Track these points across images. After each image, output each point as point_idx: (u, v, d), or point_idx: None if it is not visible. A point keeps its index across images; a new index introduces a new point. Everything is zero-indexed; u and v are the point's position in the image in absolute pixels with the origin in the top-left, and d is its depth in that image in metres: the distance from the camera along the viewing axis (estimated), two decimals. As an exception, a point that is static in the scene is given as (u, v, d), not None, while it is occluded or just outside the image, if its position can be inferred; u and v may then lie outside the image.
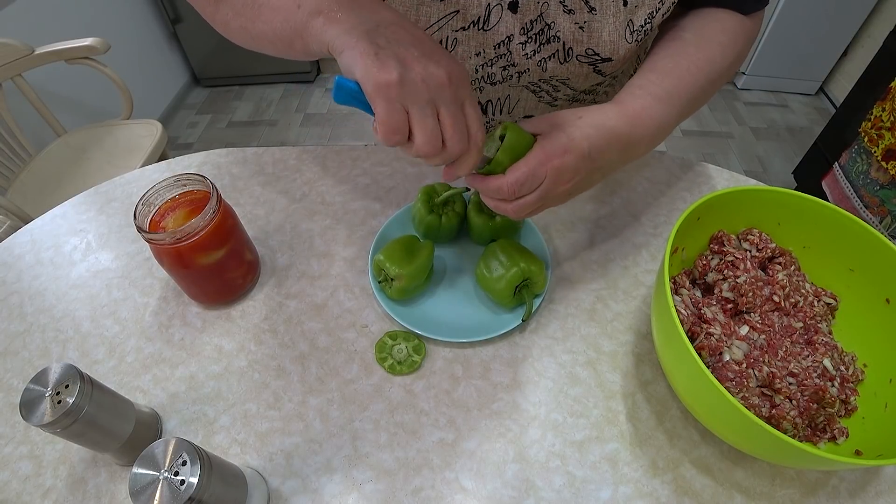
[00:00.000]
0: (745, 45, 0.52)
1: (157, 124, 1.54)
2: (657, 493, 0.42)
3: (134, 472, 0.32)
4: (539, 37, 0.50)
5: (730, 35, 0.51)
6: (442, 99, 0.36)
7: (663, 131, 0.47)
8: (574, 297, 0.55)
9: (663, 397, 0.47)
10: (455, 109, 0.36)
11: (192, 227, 0.46)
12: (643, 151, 0.47)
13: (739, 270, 0.47)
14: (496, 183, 0.41)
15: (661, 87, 0.47)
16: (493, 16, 0.49)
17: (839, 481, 0.43)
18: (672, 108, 0.47)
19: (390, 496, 0.42)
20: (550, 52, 0.51)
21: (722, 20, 0.51)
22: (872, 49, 1.75)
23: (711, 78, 0.49)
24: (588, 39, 0.50)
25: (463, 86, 0.37)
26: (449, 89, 0.35)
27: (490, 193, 0.42)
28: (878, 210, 1.46)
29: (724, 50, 0.50)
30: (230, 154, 0.72)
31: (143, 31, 2.22)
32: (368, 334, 0.52)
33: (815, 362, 0.44)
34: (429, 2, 0.48)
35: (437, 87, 0.35)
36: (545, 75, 0.54)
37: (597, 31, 0.49)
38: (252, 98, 2.50)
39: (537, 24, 0.49)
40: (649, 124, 0.45)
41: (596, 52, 0.50)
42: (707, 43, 0.50)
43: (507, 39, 0.50)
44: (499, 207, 0.43)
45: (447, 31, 0.50)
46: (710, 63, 0.49)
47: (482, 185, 0.42)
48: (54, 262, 0.60)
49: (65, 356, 0.52)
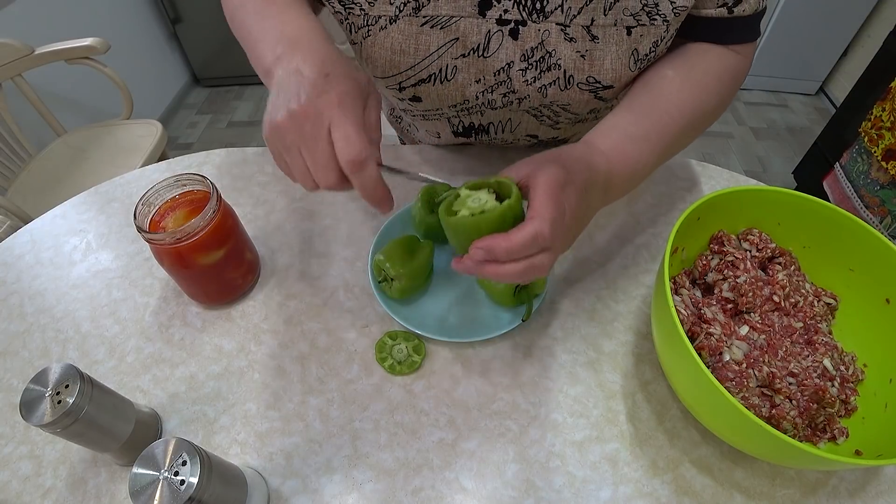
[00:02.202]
0: (731, 85, 0.51)
1: (157, 124, 1.54)
2: (657, 493, 0.42)
3: (134, 472, 0.32)
4: (540, 64, 0.49)
5: (714, 76, 0.49)
6: (301, 139, 0.37)
7: (639, 174, 0.45)
8: (574, 297, 0.55)
9: (663, 397, 0.47)
10: (312, 145, 0.37)
11: (192, 227, 0.46)
12: (618, 194, 0.45)
13: (739, 270, 0.47)
14: (520, 238, 0.34)
15: (636, 128, 0.45)
16: (493, 42, 0.48)
17: (839, 481, 0.43)
18: (648, 149, 0.45)
19: (390, 496, 0.42)
20: (551, 80, 0.51)
21: (709, 59, 0.50)
22: (872, 49, 1.75)
23: (693, 120, 0.48)
24: (590, 68, 0.49)
25: (328, 111, 0.36)
26: (307, 123, 0.36)
27: (513, 251, 0.34)
28: (878, 210, 1.46)
29: (707, 92, 0.49)
30: (230, 154, 0.72)
31: (143, 31, 2.22)
32: (368, 334, 0.52)
33: (815, 362, 0.44)
34: (428, 30, 0.48)
35: (296, 128, 0.36)
36: (545, 101, 0.53)
37: (599, 59, 0.48)
38: (252, 98, 2.50)
39: (538, 52, 0.49)
40: (625, 162, 0.43)
41: (598, 80, 0.50)
42: (690, 84, 0.48)
43: (507, 66, 0.50)
44: (525, 273, 0.35)
45: (447, 59, 0.50)
46: (692, 105, 0.48)
47: (503, 250, 0.34)
48: (54, 262, 0.60)
49: (65, 356, 0.52)
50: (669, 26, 0.47)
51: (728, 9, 0.47)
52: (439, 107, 0.57)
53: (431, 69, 0.51)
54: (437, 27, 0.47)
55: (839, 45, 2.19)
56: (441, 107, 0.57)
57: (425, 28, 0.47)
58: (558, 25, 0.47)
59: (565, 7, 0.45)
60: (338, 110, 0.36)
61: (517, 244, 0.34)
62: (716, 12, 0.47)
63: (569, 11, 0.46)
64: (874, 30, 2.08)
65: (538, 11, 0.46)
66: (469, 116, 0.60)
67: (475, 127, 0.63)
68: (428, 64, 0.50)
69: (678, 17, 0.47)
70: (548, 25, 0.47)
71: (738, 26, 0.49)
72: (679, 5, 0.45)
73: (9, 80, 1.37)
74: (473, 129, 0.63)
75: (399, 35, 0.48)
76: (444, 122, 0.62)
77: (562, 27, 0.47)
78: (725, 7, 0.47)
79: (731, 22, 0.48)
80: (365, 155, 0.36)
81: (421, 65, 0.50)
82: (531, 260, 0.35)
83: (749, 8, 0.47)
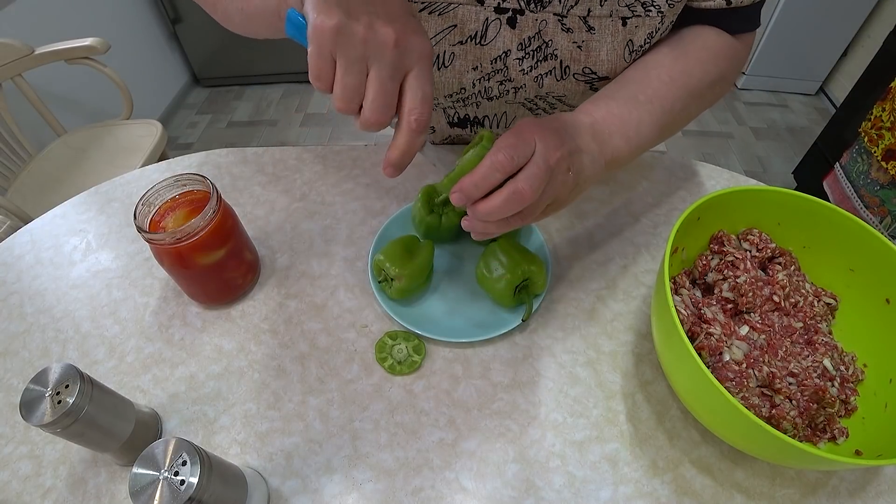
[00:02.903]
0: (729, 65, 0.50)
1: (157, 124, 1.54)
2: (657, 493, 0.42)
3: (134, 472, 0.32)
4: (536, 53, 0.49)
5: (711, 51, 0.49)
6: (378, 60, 0.33)
7: (632, 131, 0.44)
8: (574, 297, 0.55)
9: (663, 397, 0.47)
10: (386, 74, 0.34)
11: (192, 227, 0.46)
12: (618, 149, 0.44)
13: (739, 270, 0.47)
14: (480, 169, 0.36)
15: (623, 91, 0.46)
16: (491, 30, 0.48)
17: (839, 481, 0.43)
18: (638, 108, 0.45)
19: (390, 496, 0.42)
20: (547, 69, 0.51)
21: (705, 37, 0.50)
22: (872, 49, 1.75)
23: (690, 88, 0.47)
24: (586, 58, 0.49)
25: (410, 56, 0.34)
26: (391, 53, 0.33)
27: (477, 183, 0.36)
28: (878, 210, 1.46)
29: (703, 63, 0.48)
30: (230, 154, 0.72)
31: (143, 31, 2.22)
32: (368, 334, 0.52)
33: (815, 362, 0.44)
34: (426, 17, 0.48)
35: (377, 47, 0.33)
36: (541, 91, 0.54)
37: (595, 50, 0.48)
38: (252, 98, 2.50)
39: (535, 41, 0.49)
40: (609, 119, 0.43)
41: (593, 70, 0.50)
42: (685, 56, 0.48)
43: (503, 54, 0.50)
44: (506, 205, 0.37)
45: (444, 44, 0.50)
46: (687, 74, 0.47)
47: (469, 184, 0.37)
48: (54, 262, 0.60)
49: (65, 356, 0.52)
50: (664, 18, 0.47)
51: (726, 0, 0.47)
52: (435, 97, 0.57)
53: None
54: (435, 13, 0.47)
55: (839, 45, 2.19)
56: (437, 97, 0.57)
57: (423, 14, 0.47)
58: (555, 16, 0.47)
59: None
60: (425, 63, 0.35)
61: (478, 174, 0.36)
62: (714, 3, 0.47)
63: (566, 2, 0.46)
64: (874, 30, 2.08)
65: (536, 1, 0.46)
66: (465, 108, 0.60)
67: (470, 119, 0.63)
68: None
69: (673, 9, 0.46)
70: (545, 15, 0.47)
71: (737, 17, 0.49)
72: None
73: (9, 80, 1.37)
74: (469, 121, 0.63)
75: None
76: (440, 112, 0.62)
77: (559, 17, 0.47)
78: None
79: (729, 13, 0.48)
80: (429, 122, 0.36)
81: None
82: (506, 189, 0.36)
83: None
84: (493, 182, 0.36)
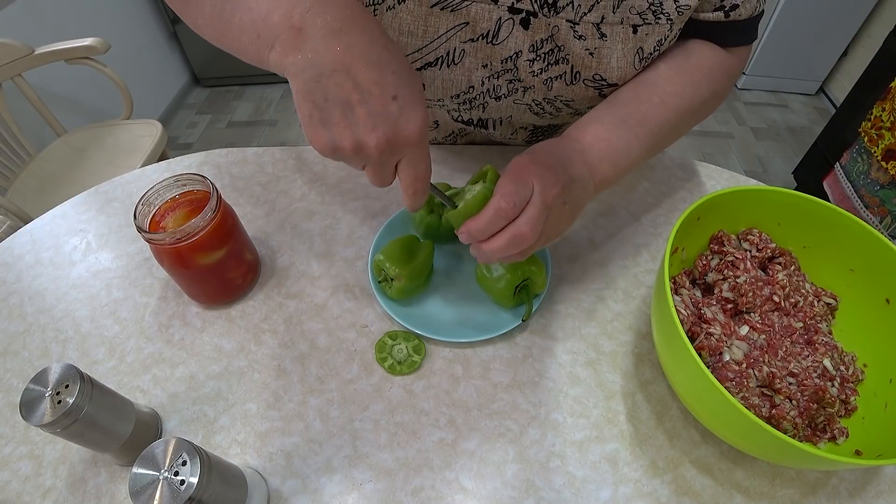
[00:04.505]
0: (724, 80, 0.52)
1: (157, 124, 1.54)
2: (657, 493, 0.42)
3: (134, 472, 0.32)
4: (548, 56, 0.50)
5: (705, 70, 0.50)
6: (368, 161, 0.36)
7: (621, 155, 0.47)
8: (574, 297, 0.55)
9: (663, 397, 0.47)
10: (377, 168, 0.37)
11: (192, 227, 0.46)
12: (606, 174, 0.46)
13: (739, 270, 0.47)
14: (485, 216, 0.39)
15: (611, 115, 0.47)
16: (504, 30, 0.48)
17: (839, 481, 0.43)
18: (626, 132, 0.47)
19: (390, 496, 0.42)
20: (558, 73, 0.51)
21: (700, 54, 0.51)
22: (872, 49, 1.75)
23: (681, 110, 0.49)
24: (597, 65, 0.49)
25: (397, 151, 0.35)
26: (377, 158, 0.35)
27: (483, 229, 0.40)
28: (878, 210, 1.46)
29: (696, 84, 0.50)
30: (230, 154, 0.72)
31: (143, 31, 2.22)
32: (368, 334, 0.52)
33: (815, 362, 0.44)
34: (438, 13, 0.47)
35: (365, 157, 0.36)
36: (550, 94, 0.54)
37: (606, 57, 0.49)
38: (252, 98, 2.50)
39: (547, 44, 0.49)
40: (597, 144, 0.46)
41: (604, 77, 0.50)
42: (680, 75, 0.49)
43: (514, 55, 0.50)
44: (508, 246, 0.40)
45: (455, 41, 0.50)
46: (680, 95, 0.49)
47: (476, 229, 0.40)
48: (54, 262, 0.60)
49: (65, 356, 0.52)
50: (673, 25, 0.47)
51: (725, 13, 0.48)
52: (441, 97, 0.57)
53: (439, 52, 0.50)
54: (447, 9, 0.47)
55: (839, 45, 2.19)
56: (443, 97, 0.57)
57: (435, 10, 0.47)
58: (568, 22, 0.47)
59: (575, 4, 0.46)
60: (414, 149, 0.36)
61: (483, 221, 0.39)
62: (713, 16, 0.48)
63: (579, 8, 0.46)
64: (874, 30, 2.08)
65: (549, 6, 0.46)
66: (470, 112, 0.60)
67: (475, 122, 0.63)
68: (436, 47, 0.50)
69: (682, 17, 0.47)
70: (558, 21, 0.47)
71: (735, 30, 0.50)
72: (682, 4, 0.45)
73: (9, 80, 1.37)
74: (472, 123, 0.63)
75: (408, 16, 0.47)
76: (444, 113, 0.62)
77: (571, 24, 0.47)
78: (722, 11, 0.48)
79: (727, 26, 0.49)
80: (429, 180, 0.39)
81: (428, 47, 0.50)
82: (509, 232, 0.39)
83: (745, 12, 0.48)
84: (497, 228, 0.40)
